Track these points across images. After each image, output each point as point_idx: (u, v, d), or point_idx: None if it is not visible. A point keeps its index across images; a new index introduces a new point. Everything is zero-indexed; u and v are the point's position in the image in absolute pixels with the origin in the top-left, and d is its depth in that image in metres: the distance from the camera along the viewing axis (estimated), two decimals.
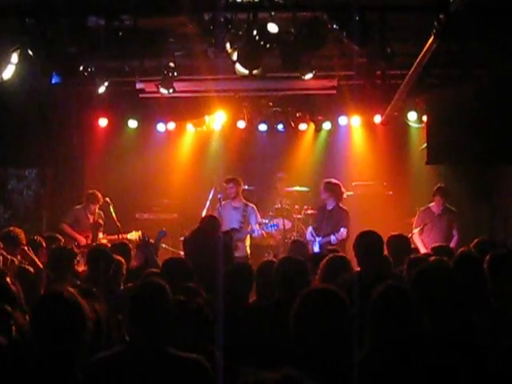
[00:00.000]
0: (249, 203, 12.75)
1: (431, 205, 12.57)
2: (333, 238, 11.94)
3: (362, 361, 4.23)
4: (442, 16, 7.37)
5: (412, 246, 11.61)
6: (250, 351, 5.54)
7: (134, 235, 12.68)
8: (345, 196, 13.28)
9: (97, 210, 13.00)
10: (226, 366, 4.80)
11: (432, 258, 7.41)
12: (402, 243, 8.61)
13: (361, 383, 4.03)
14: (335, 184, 12.78)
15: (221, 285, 6.42)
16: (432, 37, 7.84)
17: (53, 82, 10.70)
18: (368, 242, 7.18)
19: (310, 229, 12.81)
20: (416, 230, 12.33)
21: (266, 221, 13.57)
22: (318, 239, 12.35)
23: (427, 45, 8.20)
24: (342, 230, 12.06)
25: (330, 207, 12.66)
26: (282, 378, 2.33)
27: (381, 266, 7.18)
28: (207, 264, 7.30)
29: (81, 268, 9.43)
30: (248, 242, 12.51)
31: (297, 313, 4.09)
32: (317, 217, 13.05)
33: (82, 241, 12.58)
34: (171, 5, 8.78)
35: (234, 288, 6.59)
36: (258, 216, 12.79)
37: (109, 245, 10.17)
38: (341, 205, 12.71)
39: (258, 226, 12.58)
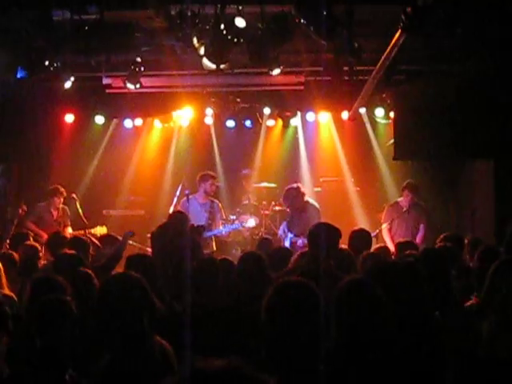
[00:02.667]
0: (214, 200, 12.70)
1: (399, 199, 12.65)
2: (299, 241, 11.88)
3: (328, 355, 4.20)
4: (408, 9, 7.39)
5: (381, 241, 11.78)
6: (217, 348, 5.51)
7: (99, 230, 12.65)
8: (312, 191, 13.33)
9: (61, 206, 12.92)
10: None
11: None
12: (362, 238, 8.65)
13: (326, 377, 4.00)
14: (293, 191, 12.55)
15: (188, 281, 6.40)
16: (399, 31, 7.85)
17: (18, 76, 10.57)
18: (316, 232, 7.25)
19: (283, 224, 12.75)
20: (384, 226, 12.38)
21: (234, 217, 13.54)
22: (289, 235, 12.31)
23: (394, 39, 8.21)
24: None
25: (298, 205, 12.64)
26: (227, 365, 2.34)
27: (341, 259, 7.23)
28: (174, 259, 7.29)
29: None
30: (213, 239, 12.47)
31: (269, 305, 4.04)
32: (290, 212, 12.96)
33: (45, 237, 12.47)
34: None
35: (200, 284, 6.57)
36: (223, 213, 12.78)
37: None
38: (310, 201, 12.60)
39: (220, 223, 12.55)
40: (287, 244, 12.06)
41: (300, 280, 4.27)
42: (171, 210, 12.54)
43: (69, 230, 12.82)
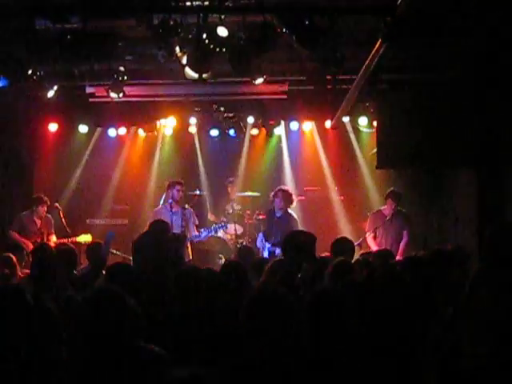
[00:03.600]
0: (186, 207, 12.68)
1: (383, 208, 12.69)
2: (277, 250, 11.84)
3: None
4: (388, 19, 7.43)
5: (365, 249, 11.78)
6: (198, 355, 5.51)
7: (83, 238, 12.62)
8: (296, 200, 13.33)
9: (45, 214, 12.87)
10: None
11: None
12: (344, 245, 8.63)
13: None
14: (289, 193, 12.78)
15: (170, 289, 6.39)
16: (379, 40, 7.89)
17: (0, 85, 10.55)
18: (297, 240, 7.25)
19: (260, 235, 12.72)
20: (368, 234, 12.42)
21: (215, 225, 13.53)
22: (267, 246, 12.27)
23: (374, 48, 8.24)
24: None
25: (278, 214, 12.63)
26: (188, 377, 2.37)
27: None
28: (155, 267, 7.27)
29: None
30: (189, 246, 12.44)
31: (245, 315, 4.05)
32: (267, 222, 13.00)
33: (30, 246, 12.41)
34: (120, 7, 8.73)
35: (181, 292, 6.55)
36: (196, 219, 12.77)
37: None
38: (290, 211, 12.69)
39: (195, 228, 12.55)
40: (266, 254, 12.04)
41: (274, 290, 4.28)
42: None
43: (53, 239, 12.77)
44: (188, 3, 8.86)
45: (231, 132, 15.33)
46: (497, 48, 9.29)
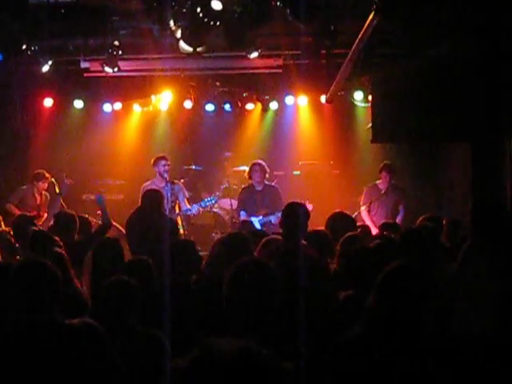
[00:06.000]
0: (175, 181, 12.56)
1: (378, 182, 12.67)
2: (273, 217, 11.89)
3: None
4: None
5: (360, 222, 11.80)
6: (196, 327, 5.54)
7: None
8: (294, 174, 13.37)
9: (44, 191, 12.87)
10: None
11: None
12: (343, 220, 8.48)
13: None
14: (265, 166, 12.70)
15: (166, 262, 6.42)
16: (372, 13, 7.86)
17: None
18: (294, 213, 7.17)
19: (242, 213, 12.62)
20: (363, 207, 12.43)
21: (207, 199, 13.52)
22: (257, 219, 12.21)
23: (368, 21, 8.21)
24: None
25: (259, 187, 12.55)
26: (238, 350, 2.34)
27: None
28: (151, 242, 7.31)
29: None
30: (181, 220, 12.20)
31: (228, 284, 4.01)
32: (246, 198, 12.70)
33: None
34: None
35: (179, 265, 6.58)
36: (186, 193, 12.67)
37: None
38: (267, 183, 12.72)
39: (187, 202, 12.45)
40: (258, 226, 11.97)
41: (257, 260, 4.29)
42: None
43: (46, 216, 12.76)
44: None
45: (227, 107, 15.35)
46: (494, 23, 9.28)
